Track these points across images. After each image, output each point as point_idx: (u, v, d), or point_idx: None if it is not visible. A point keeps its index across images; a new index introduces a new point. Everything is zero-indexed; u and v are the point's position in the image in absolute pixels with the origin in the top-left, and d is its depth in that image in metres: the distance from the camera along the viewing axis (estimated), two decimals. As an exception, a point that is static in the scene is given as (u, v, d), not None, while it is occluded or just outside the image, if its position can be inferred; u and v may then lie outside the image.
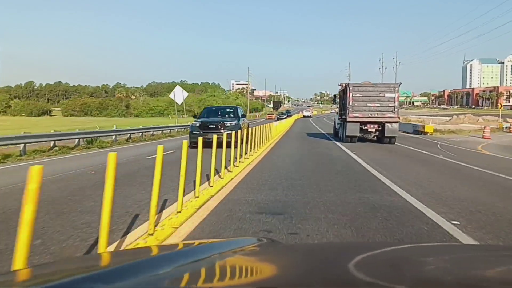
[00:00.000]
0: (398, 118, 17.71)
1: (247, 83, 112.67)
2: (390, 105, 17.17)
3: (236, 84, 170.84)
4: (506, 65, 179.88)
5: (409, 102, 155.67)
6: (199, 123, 13.76)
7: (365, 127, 17.51)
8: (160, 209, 4.56)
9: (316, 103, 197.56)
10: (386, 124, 17.19)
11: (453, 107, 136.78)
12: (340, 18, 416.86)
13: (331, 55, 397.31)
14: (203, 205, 4.98)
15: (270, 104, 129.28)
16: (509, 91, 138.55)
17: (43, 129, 26.50)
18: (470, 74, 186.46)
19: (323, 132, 28.30)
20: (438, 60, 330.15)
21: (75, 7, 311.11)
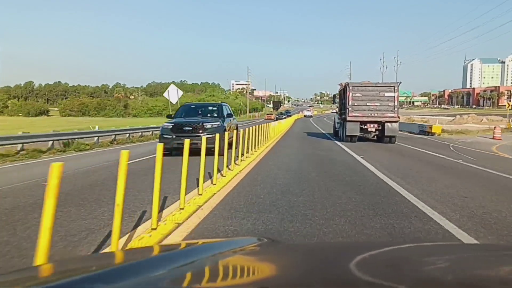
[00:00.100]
0: (398, 118, 17.51)
1: (247, 83, 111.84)
2: (390, 105, 17.08)
3: (236, 84, 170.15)
4: (507, 65, 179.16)
5: (409, 102, 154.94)
6: (172, 125, 10.80)
7: (365, 127, 17.47)
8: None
9: (316, 103, 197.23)
10: (386, 124, 17.08)
11: (454, 107, 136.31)
12: (340, 18, 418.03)
13: (331, 55, 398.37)
14: (163, 239, 3.53)
15: (270, 104, 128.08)
16: (510, 91, 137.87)
17: (37, 129, 25.21)
18: (471, 74, 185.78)
19: (324, 132, 27.73)
20: (438, 60, 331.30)
21: (75, 7, 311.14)
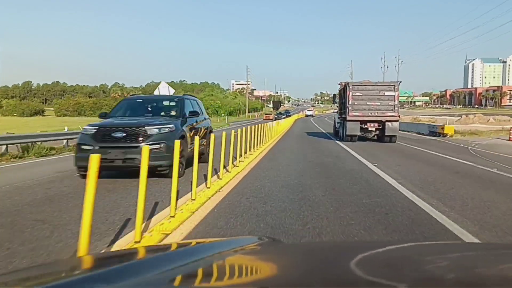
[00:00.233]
0: (399, 117, 17.61)
1: (248, 83, 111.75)
2: (390, 104, 17.13)
3: (237, 84, 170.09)
4: (509, 65, 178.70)
5: (410, 102, 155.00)
6: (95, 129, 6.95)
7: (365, 126, 17.52)
8: None
9: (317, 103, 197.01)
10: (387, 123, 17.14)
11: (456, 107, 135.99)
12: (340, 18, 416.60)
13: (331, 55, 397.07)
14: None
15: (270, 104, 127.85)
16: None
17: (26, 130, 23.15)
18: (472, 74, 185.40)
19: (325, 132, 27.33)
20: (439, 60, 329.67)
21: (75, 7, 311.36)
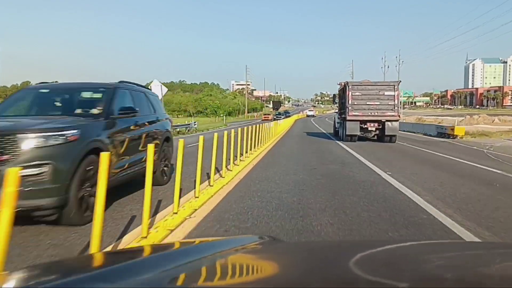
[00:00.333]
0: (399, 117, 17.61)
1: (248, 83, 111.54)
2: (390, 103, 17.09)
3: (237, 85, 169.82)
4: (509, 65, 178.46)
5: (411, 102, 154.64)
6: None
7: (365, 126, 17.49)
8: None
9: (317, 103, 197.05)
10: (386, 123, 17.11)
11: (457, 107, 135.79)
12: (340, 18, 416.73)
13: (332, 55, 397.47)
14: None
15: (270, 105, 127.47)
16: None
17: None
18: (473, 74, 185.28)
19: (325, 132, 27.04)
20: (439, 61, 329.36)
21: (75, 7, 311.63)
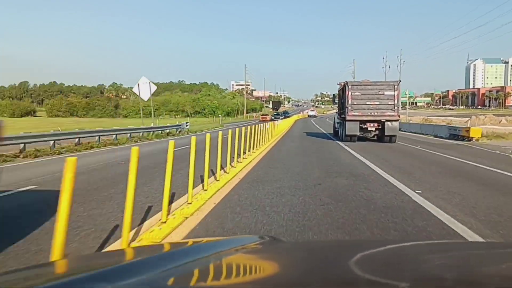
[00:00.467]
0: (399, 116, 17.53)
1: (248, 84, 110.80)
2: (390, 103, 17.05)
3: (236, 85, 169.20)
4: (511, 65, 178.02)
5: (412, 103, 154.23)
6: None
7: (365, 126, 17.45)
8: None
9: (317, 104, 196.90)
10: (386, 123, 17.06)
11: (458, 108, 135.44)
12: (340, 18, 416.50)
13: (332, 55, 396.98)
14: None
15: (270, 105, 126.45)
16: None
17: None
18: (474, 74, 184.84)
19: (325, 132, 26.63)
20: (440, 61, 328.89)
21: (75, 7, 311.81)
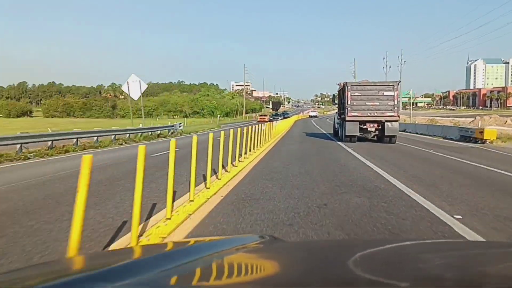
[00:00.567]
0: (398, 117, 17.49)
1: (247, 84, 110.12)
2: (390, 104, 17.02)
3: (236, 85, 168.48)
4: None
5: (413, 103, 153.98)
6: None
7: (365, 126, 17.43)
8: None
9: (317, 104, 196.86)
10: (386, 123, 17.03)
11: (459, 108, 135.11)
12: (340, 18, 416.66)
13: (332, 56, 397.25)
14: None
15: (270, 105, 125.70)
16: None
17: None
18: (474, 75, 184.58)
19: (326, 133, 26.01)
20: (440, 61, 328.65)
21: (74, 7, 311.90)
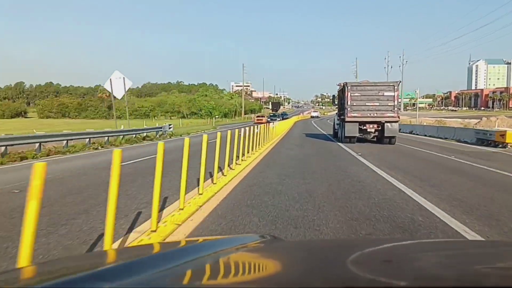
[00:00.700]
0: (398, 118, 17.34)
1: (247, 85, 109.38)
2: (390, 104, 16.87)
3: (236, 86, 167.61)
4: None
5: (413, 104, 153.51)
6: None
7: (364, 127, 17.27)
8: None
9: (317, 105, 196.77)
10: (386, 124, 16.88)
11: (461, 109, 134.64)
12: (341, 18, 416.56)
13: (332, 56, 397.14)
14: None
15: (270, 106, 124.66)
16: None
17: None
18: (476, 75, 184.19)
19: (327, 134, 25.62)
20: (441, 62, 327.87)
21: (73, 7, 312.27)
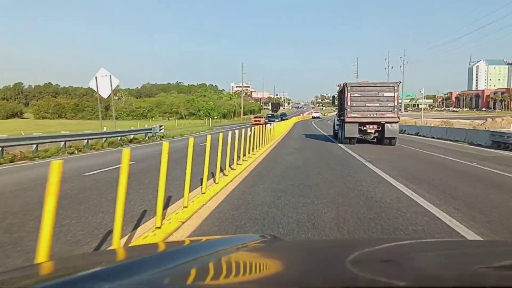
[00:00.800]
0: (398, 118, 17.27)
1: (247, 85, 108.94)
2: (390, 105, 16.81)
3: (236, 87, 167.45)
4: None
5: (414, 105, 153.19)
6: None
7: (364, 128, 17.20)
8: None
9: (317, 106, 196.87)
10: (386, 125, 16.82)
11: (462, 110, 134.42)
12: (341, 18, 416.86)
13: (332, 56, 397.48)
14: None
15: (269, 106, 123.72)
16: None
17: None
18: (477, 76, 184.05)
19: (327, 135, 25.66)
20: (442, 63, 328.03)
21: (73, 7, 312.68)
